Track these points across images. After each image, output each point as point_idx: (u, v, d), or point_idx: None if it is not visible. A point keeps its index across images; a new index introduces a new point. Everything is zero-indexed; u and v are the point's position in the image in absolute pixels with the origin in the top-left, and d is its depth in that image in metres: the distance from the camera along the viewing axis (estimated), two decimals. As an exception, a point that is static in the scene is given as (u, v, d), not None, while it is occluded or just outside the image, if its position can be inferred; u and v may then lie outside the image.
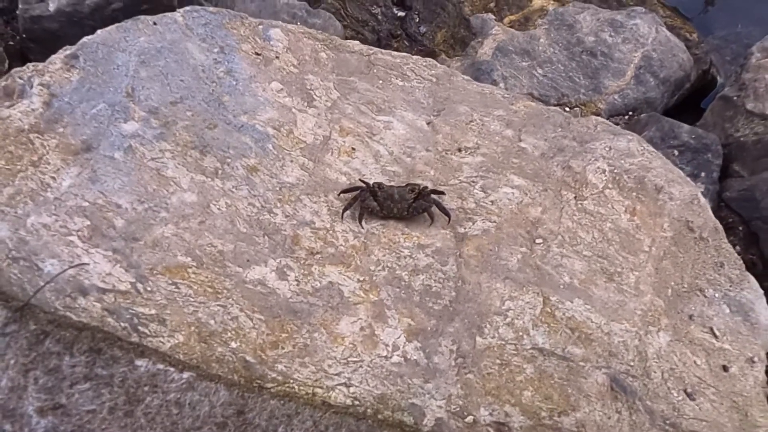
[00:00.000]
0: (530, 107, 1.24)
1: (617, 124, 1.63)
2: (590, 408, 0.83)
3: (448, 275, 0.93)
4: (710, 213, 1.09)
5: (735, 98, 1.41)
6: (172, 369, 0.71)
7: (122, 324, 0.76)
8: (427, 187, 0.99)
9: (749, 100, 1.35)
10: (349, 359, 0.82)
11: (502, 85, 1.66)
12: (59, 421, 0.63)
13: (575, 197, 1.05)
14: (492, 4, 1.92)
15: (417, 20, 1.96)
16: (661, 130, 1.47)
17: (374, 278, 0.90)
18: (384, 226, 0.98)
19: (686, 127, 1.45)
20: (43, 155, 0.90)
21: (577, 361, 0.86)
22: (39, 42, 1.34)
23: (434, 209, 0.97)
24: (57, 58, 1.03)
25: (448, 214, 0.97)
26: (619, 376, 0.87)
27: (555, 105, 1.66)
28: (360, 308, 0.87)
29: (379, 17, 2.01)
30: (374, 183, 0.98)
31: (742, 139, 1.36)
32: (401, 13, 2.01)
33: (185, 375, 0.71)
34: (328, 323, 0.85)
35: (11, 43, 1.37)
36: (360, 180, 0.99)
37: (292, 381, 0.78)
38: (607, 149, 1.11)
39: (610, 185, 1.07)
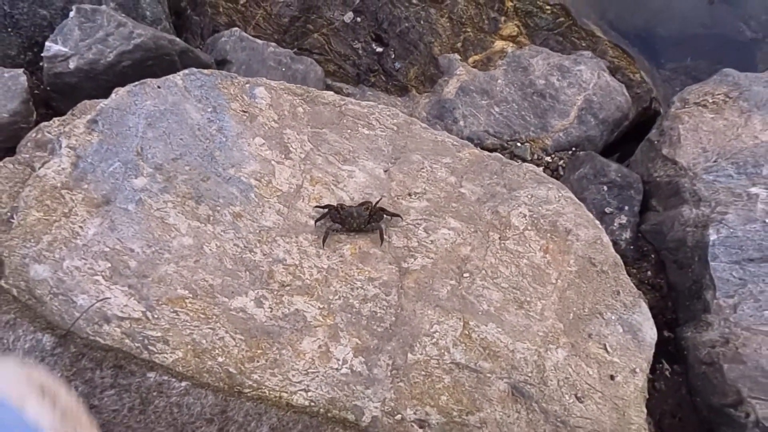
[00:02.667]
0: (474, 155, 1.48)
1: (561, 159, 1.87)
2: (492, 409, 1.08)
3: (390, 303, 1.17)
4: (611, 250, 1.33)
5: (656, 142, 1.64)
6: (173, 379, 0.96)
7: (136, 344, 1.02)
8: (379, 207, 1.25)
9: (665, 145, 1.58)
10: (308, 370, 1.07)
11: (462, 123, 1.89)
12: (93, 417, 0.89)
13: (500, 237, 1.29)
14: (459, 45, 2.15)
15: (393, 57, 2.19)
16: (594, 168, 1.70)
17: (331, 306, 1.15)
18: (342, 262, 1.22)
19: (614, 165, 1.68)
20: (72, 208, 1.15)
21: (485, 373, 1.11)
22: (60, 93, 1.57)
23: (384, 221, 1.25)
24: (80, 123, 1.27)
25: (399, 215, 1.25)
26: (518, 384, 1.12)
27: (509, 141, 1.90)
28: (319, 330, 1.12)
29: (360, 52, 2.24)
30: (338, 203, 1.25)
31: (658, 179, 1.59)
32: (379, 49, 2.24)
33: (183, 383, 0.96)
34: (293, 342, 1.10)
35: (36, 92, 1.61)
36: (327, 205, 1.25)
37: (264, 387, 1.04)
38: (530, 197, 1.35)
39: (529, 227, 1.31)
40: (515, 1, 2.26)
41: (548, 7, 2.25)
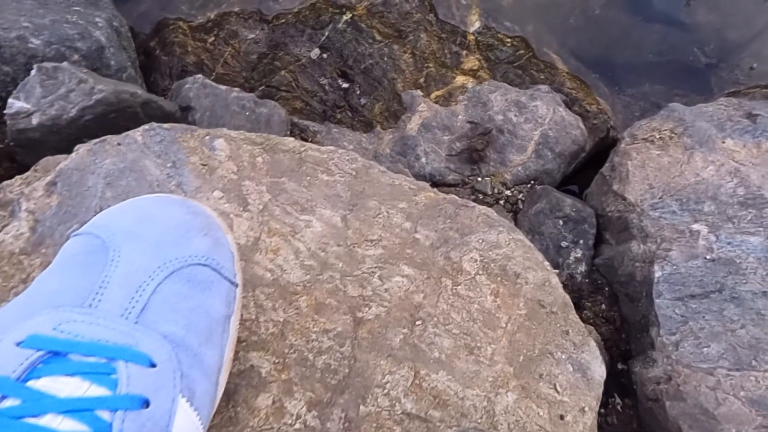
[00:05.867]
0: (429, 198, 1.53)
1: (521, 192, 1.92)
2: (441, 458, 1.12)
3: (344, 355, 1.21)
4: (560, 291, 1.38)
5: (608, 177, 1.70)
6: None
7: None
8: None
9: (615, 181, 1.64)
10: (263, 427, 1.10)
11: (423, 159, 1.94)
12: None
13: (452, 283, 1.34)
14: (422, 80, 2.20)
15: (358, 93, 2.24)
16: (550, 202, 1.76)
17: (286, 360, 1.19)
18: (298, 314, 1.26)
19: (569, 200, 1.74)
20: (30, 273, 1.18)
21: (435, 422, 1.15)
22: (24, 146, 1.60)
23: None
24: (39, 185, 1.30)
25: None
26: (468, 431, 1.16)
27: (469, 176, 1.95)
28: (273, 386, 1.15)
29: (326, 88, 2.29)
30: None
31: (610, 213, 1.65)
32: (345, 85, 2.29)
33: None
34: (248, 399, 1.13)
35: (1, 146, 1.64)
36: None
37: (219, 446, 1.07)
38: (480, 241, 1.40)
39: (480, 272, 1.36)
40: (477, 35, 2.32)
41: (509, 40, 2.32)
